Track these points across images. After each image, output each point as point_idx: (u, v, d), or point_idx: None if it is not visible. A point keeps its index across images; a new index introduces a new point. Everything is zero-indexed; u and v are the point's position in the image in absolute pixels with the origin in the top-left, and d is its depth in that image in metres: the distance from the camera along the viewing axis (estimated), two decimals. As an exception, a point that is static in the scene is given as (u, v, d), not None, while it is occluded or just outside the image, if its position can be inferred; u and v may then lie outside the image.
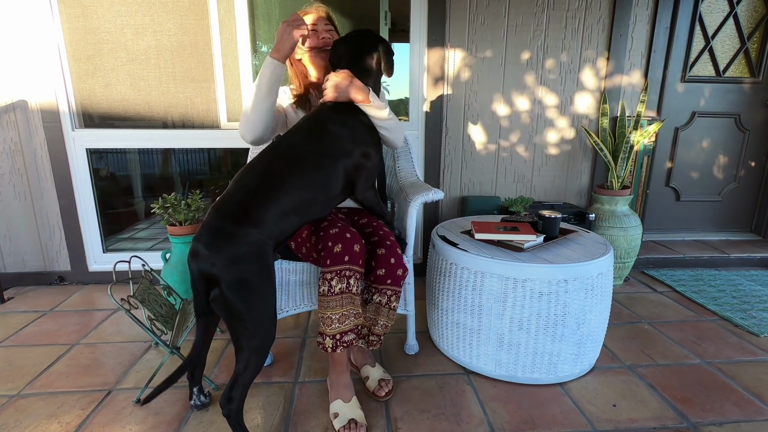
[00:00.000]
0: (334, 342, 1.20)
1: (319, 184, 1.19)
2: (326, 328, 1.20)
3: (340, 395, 1.29)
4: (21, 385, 1.45)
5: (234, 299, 1.00)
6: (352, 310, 1.21)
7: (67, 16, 2.11)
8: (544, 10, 2.27)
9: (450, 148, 2.40)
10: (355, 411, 1.26)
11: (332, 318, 1.19)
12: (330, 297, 1.18)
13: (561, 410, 1.33)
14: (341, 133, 1.24)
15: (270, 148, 1.20)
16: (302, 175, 1.15)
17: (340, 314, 1.19)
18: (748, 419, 1.29)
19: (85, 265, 2.34)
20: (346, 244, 1.20)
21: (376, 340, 1.32)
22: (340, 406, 1.27)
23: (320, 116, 1.27)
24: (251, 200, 1.07)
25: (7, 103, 2.11)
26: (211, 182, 3.11)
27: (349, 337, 1.21)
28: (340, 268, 1.18)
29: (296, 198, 1.13)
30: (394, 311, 1.31)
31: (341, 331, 1.20)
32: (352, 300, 1.20)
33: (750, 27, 2.57)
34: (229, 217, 1.04)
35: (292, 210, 1.13)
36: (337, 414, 1.25)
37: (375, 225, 1.38)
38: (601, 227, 2.24)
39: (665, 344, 1.72)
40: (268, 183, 1.10)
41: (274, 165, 1.15)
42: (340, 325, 1.19)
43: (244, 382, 1.06)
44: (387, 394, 1.38)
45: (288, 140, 1.22)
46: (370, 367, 1.46)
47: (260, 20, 2.25)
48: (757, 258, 2.59)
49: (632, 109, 2.45)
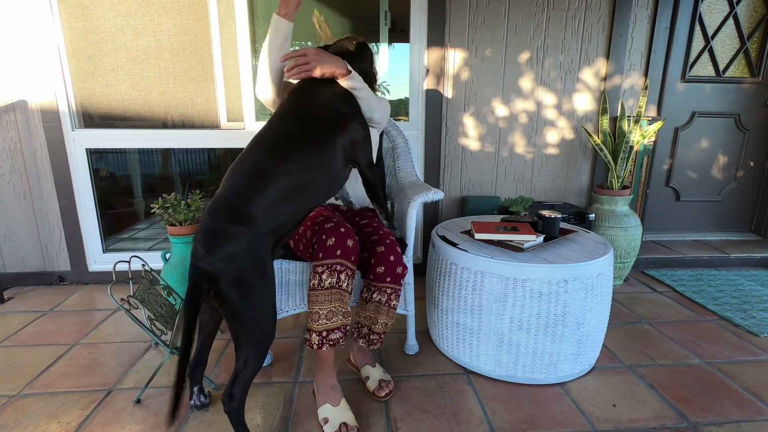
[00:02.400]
0: (320, 339, 1.18)
1: (316, 164, 1.15)
2: (313, 324, 1.19)
3: (328, 399, 1.25)
4: (21, 385, 1.45)
5: (231, 297, 1.01)
6: (341, 308, 1.19)
7: (67, 16, 2.11)
8: (544, 10, 2.27)
9: (450, 148, 2.40)
10: (345, 414, 1.23)
11: (320, 313, 1.18)
12: (319, 291, 1.18)
13: (561, 410, 1.33)
14: (329, 105, 1.23)
15: (257, 139, 1.17)
16: (296, 160, 1.12)
17: (328, 310, 1.18)
18: (748, 419, 1.29)
19: (85, 265, 2.34)
20: (340, 238, 1.19)
21: (376, 339, 1.32)
22: (329, 410, 1.23)
23: (302, 93, 1.25)
24: (240, 199, 1.05)
25: (7, 103, 2.11)
26: (211, 182, 3.11)
27: (335, 335, 1.19)
28: (332, 261, 1.18)
29: (288, 186, 1.10)
30: (394, 310, 1.31)
31: (328, 328, 1.18)
32: (341, 297, 1.19)
33: (750, 27, 2.57)
34: (221, 218, 1.03)
35: (284, 199, 1.10)
36: (327, 419, 1.22)
37: (375, 225, 1.39)
38: (601, 227, 2.24)
39: (665, 344, 1.72)
40: (256, 179, 1.08)
41: (262, 158, 1.11)
42: (327, 321, 1.18)
43: (244, 380, 1.07)
44: (387, 395, 1.37)
45: (274, 126, 1.19)
46: (371, 367, 1.45)
47: (260, 20, 2.25)
48: (757, 258, 2.59)
49: (632, 109, 2.45)
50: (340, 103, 1.27)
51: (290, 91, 1.29)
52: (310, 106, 1.23)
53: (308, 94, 1.26)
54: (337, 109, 1.25)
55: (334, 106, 1.25)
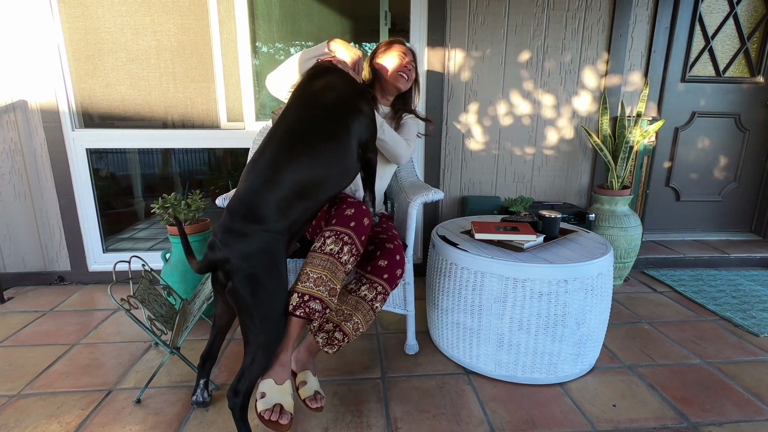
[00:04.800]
0: (299, 300, 1.11)
1: (330, 157, 1.16)
2: (298, 284, 1.14)
3: (273, 374, 1.10)
4: (21, 385, 1.45)
5: (243, 293, 1.04)
6: (331, 281, 1.15)
7: (67, 16, 2.11)
8: (544, 10, 2.27)
9: (450, 148, 2.40)
10: (285, 397, 1.08)
11: (309, 275, 1.14)
12: (317, 254, 1.17)
13: (561, 410, 1.33)
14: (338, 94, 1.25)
15: (269, 138, 1.17)
16: (309, 155, 1.13)
17: (318, 276, 1.14)
18: (748, 419, 1.29)
19: (85, 265, 2.34)
20: (360, 213, 1.20)
21: (338, 340, 1.22)
22: (270, 386, 1.08)
23: (312, 84, 1.27)
24: (254, 198, 1.08)
25: (7, 103, 2.11)
26: (211, 182, 3.11)
27: (314, 305, 1.12)
28: (341, 229, 1.17)
29: (299, 183, 1.11)
30: (373, 312, 1.27)
31: (311, 293, 1.12)
32: (335, 268, 1.16)
33: (750, 27, 2.57)
34: (238, 217, 1.07)
35: (299, 196, 1.11)
36: (264, 394, 1.07)
37: (384, 227, 1.43)
38: (601, 227, 2.24)
39: (665, 344, 1.72)
40: (272, 177, 1.10)
41: (274, 156, 1.12)
42: (313, 286, 1.13)
43: (250, 377, 1.07)
44: (319, 409, 1.17)
45: (285, 123, 1.18)
46: (311, 375, 1.25)
47: (260, 20, 2.25)
48: (757, 258, 2.59)
49: (632, 109, 2.45)
50: (346, 87, 1.29)
51: (305, 81, 1.31)
52: (322, 95, 1.24)
53: (318, 84, 1.27)
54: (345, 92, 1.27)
55: (342, 90, 1.27)
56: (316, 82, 1.27)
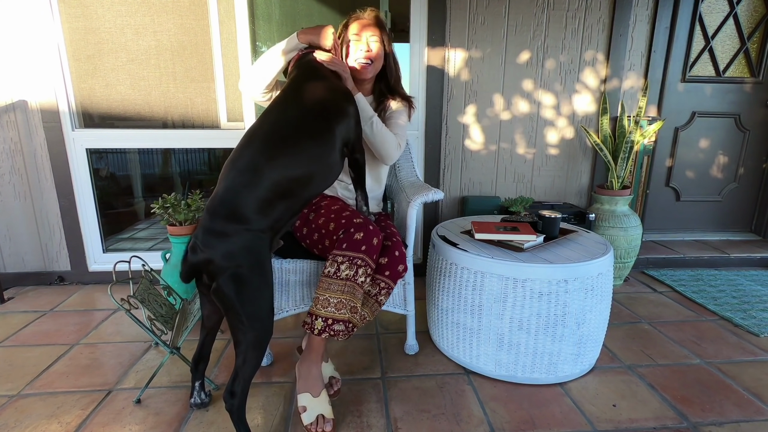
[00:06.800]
0: (324, 325, 1.16)
1: (312, 156, 1.14)
2: (320, 309, 1.17)
3: (309, 388, 1.24)
4: (21, 385, 1.45)
5: (229, 293, 1.02)
6: (351, 302, 1.18)
7: (67, 16, 2.11)
8: (544, 10, 2.27)
9: (450, 148, 2.40)
10: (324, 406, 1.22)
11: (330, 301, 1.16)
12: (334, 279, 1.17)
13: (561, 410, 1.33)
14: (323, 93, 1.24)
15: (248, 137, 1.13)
16: (293, 153, 1.11)
17: (338, 301, 1.16)
18: (748, 419, 1.29)
19: (85, 265, 2.34)
20: (368, 234, 1.20)
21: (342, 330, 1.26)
22: (309, 400, 1.22)
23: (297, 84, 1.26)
24: (234, 199, 1.04)
25: (7, 103, 2.11)
26: (211, 182, 3.11)
27: (339, 327, 1.18)
28: (354, 255, 1.17)
29: (284, 182, 1.09)
30: (379, 306, 1.30)
31: (335, 317, 1.17)
32: (353, 291, 1.18)
33: (750, 27, 2.57)
34: (218, 217, 1.03)
35: (281, 196, 1.08)
36: (306, 408, 1.21)
37: (383, 225, 1.44)
38: (601, 227, 2.24)
39: (665, 344, 1.72)
40: (252, 176, 1.06)
41: (258, 153, 1.09)
42: (335, 311, 1.17)
43: (244, 377, 1.07)
44: (336, 393, 1.33)
45: (272, 118, 1.16)
46: (324, 361, 1.38)
47: (260, 20, 2.25)
48: (757, 258, 2.59)
49: (632, 109, 2.45)
50: (331, 88, 1.28)
51: (289, 81, 1.30)
52: (306, 95, 1.23)
53: (302, 84, 1.26)
54: (330, 94, 1.26)
55: (327, 92, 1.26)
56: (299, 82, 1.26)
